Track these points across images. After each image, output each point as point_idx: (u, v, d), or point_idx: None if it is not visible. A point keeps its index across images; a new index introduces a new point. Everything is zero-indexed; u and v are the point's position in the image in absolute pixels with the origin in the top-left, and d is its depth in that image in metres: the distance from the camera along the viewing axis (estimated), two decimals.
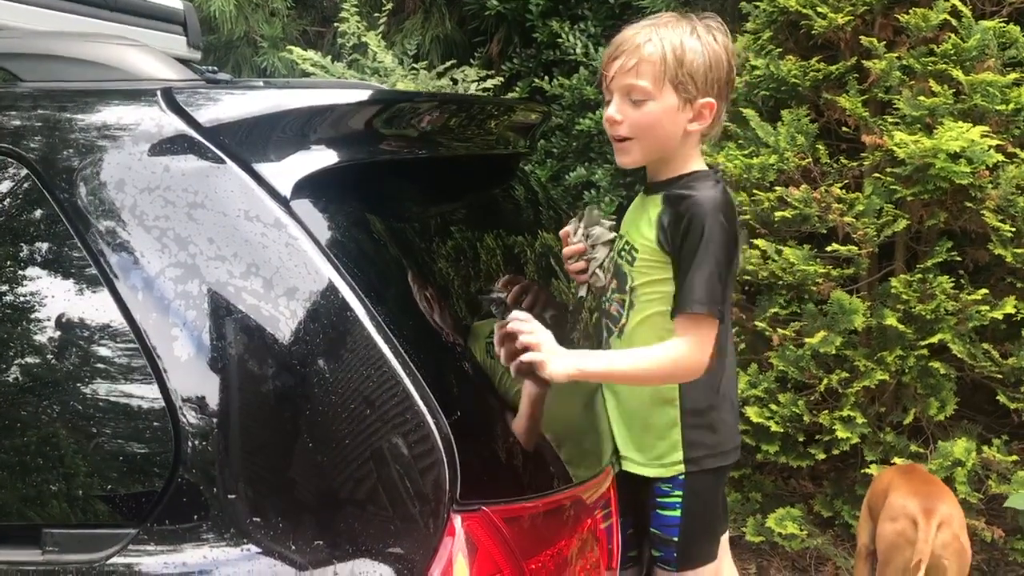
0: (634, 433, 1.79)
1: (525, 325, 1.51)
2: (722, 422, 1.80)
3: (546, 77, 4.79)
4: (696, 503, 1.77)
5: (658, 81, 1.67)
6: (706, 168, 1.78)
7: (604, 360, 1.67)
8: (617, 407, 1.82)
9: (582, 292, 1.93)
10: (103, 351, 1.30)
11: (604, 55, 1.75)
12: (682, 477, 1.76)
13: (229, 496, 1.22)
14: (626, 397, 1.80)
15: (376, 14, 5.06)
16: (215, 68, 2.51)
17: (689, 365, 1.61)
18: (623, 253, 1.79)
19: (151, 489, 1.25)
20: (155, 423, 1.25)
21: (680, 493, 1.76)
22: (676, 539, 1.76)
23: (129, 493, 1.28)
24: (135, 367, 1.27)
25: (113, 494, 1.29)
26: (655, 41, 1.67)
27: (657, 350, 1.63)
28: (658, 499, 1.77)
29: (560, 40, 4.72)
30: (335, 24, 5.22)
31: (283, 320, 1.24)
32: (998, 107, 3.16)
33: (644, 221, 1.74)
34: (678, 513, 1.76)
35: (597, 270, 1.87)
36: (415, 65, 4.89)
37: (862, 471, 3.40)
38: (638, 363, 1.63)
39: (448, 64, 4.86)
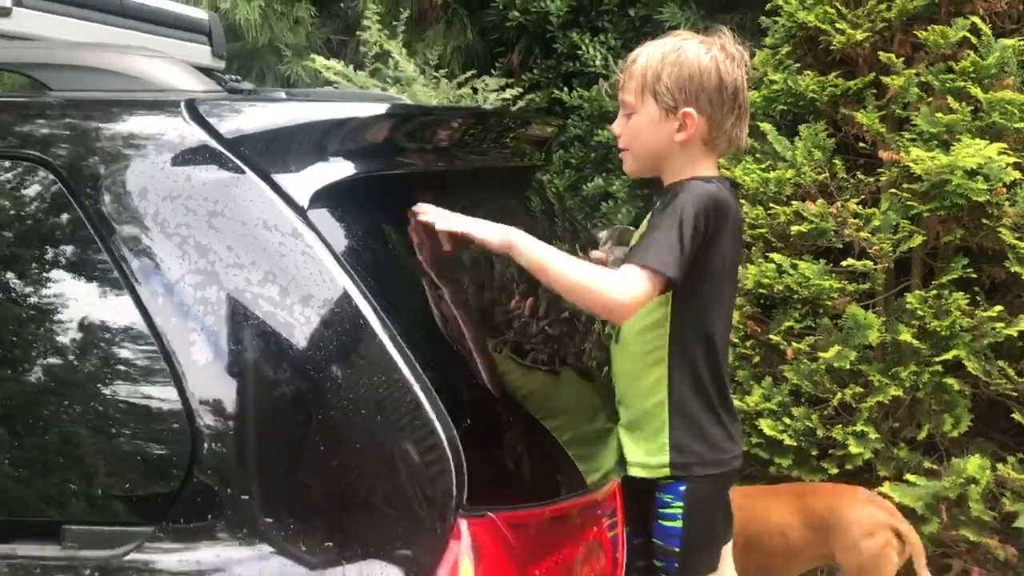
0: (634, 436, 1.80)
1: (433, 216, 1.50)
2: (715, 431, 1.78)
3: (565, 88, 4.82)
4: (697, 513, 1.78)
5: (639, 93, 1.76)
6: (713, 174, 1.80)
7: (539, 248, 1.62)
8: (622, 412, 1.84)
9: None
10: (124, 354, 1.34)
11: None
12: (682, 488, 1.76)
13: (243, 497, 1.26)
14: (628, 401, 1.82)
15: (396, 23, 5.12)
16: (238, 77, 2.56)
17: (608, 300, 1.60)
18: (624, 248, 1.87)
19: (168, 489, 1.29)
20: (173, 425, 1.29)
21: (681, 504, 1.77)
22: (677, 549, 1.77)
23: (147, 492, 1.32)
24: (154, 370, 1.30)
25: (131, 493, 1.33)
26: (642, 56, 1.77)
27: (591, 270, 1.64)
28: (659, 509, 1.78)
29: (580, 52, 4.75)
30: (358, 33, 5.28)
31: (298, 327, 1.27)
32: (1016, 125, 3.16)
33: (645, 223, 1.81)
34: (679, 524, 1.77)
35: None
36: (436, 74, 4.94)
37: (875, 487, 3.39)
38: (567, 269, 1.60)
39: (469, 74, 4.92)
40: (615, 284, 1.61)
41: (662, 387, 1.76)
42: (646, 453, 1.78)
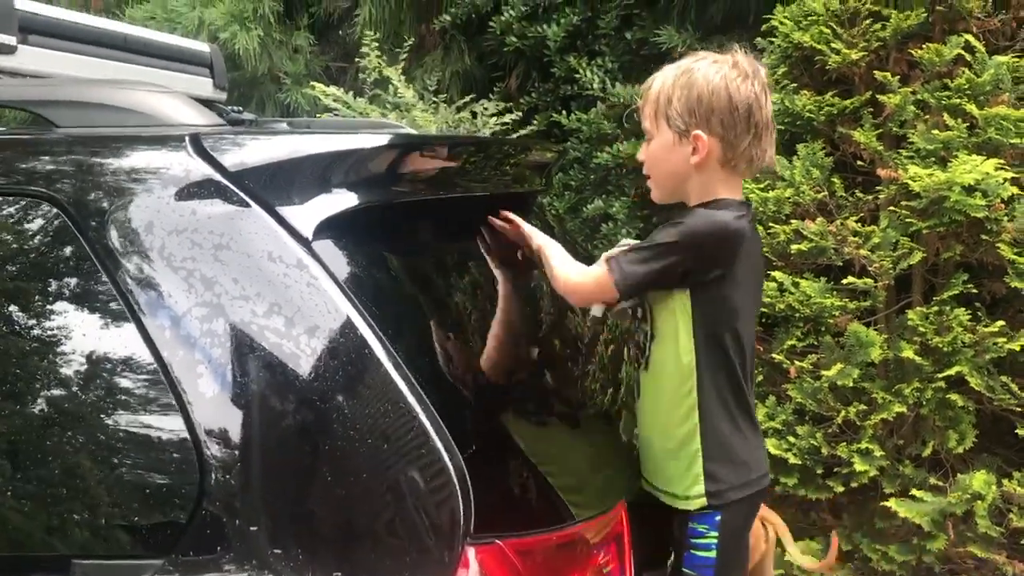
0: (665, 465, 1.79)
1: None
2: (744, 452, 1.78)
3: (564, 111, 4.85)
4: (730, 541, 1.77)
5: (653, 119, 1.77)
6: (735, 199, 1.78)
7: (552, 250, 1.77)
8: (651, 440, 1.82)
9: (596, 311, 1.93)
10: (131, 387, 1.35)
11: None
12: (717, 517, 1.74)
13: (251, 528, 1.26)
14: (658, 429, 1.79)
15: (396, 49, 5.16)
16: (240, 108, 2.59)
17: (569, 284, 1.74)
18: None
19: (176, 521, 1.29)
20: (180, 457, 1.30)
21: (716, 534, 1.74)
22: None
23: (155, 525, 1.32)
24: (162, 402, 1.31)
25: (140, 526, 1.33)
26: (657, 80, 1.77)
27: (568, 262, 1.75)
28: (692, 539, 1.75)
29: (577, 75, 4.78)
30: (356, 60, 5.32)
31: (304, 357, 1.28)
32: (1012, 140, 3.18)
33: None
34: (714, 554, 1.74)
35: (628, 309, 1.88)
36: (435, 99, 4.97)
37: (881, 504, 3.39)
38: (553, 255, 1.76)
39: (468, 98, 4.94)
40: (576, 272, 1.73)
41: (693, 415, 1.73)
42: (680, 483, 1.76)
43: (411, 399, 1.27)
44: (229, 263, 1.32)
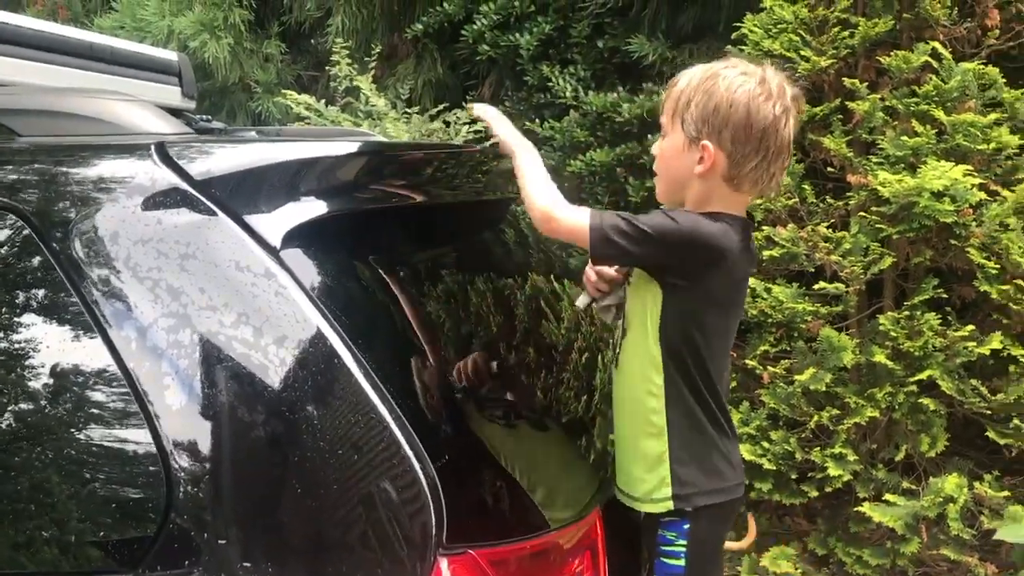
0: (625, 464, 1.77)
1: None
2: (715, 457, 1.74)
3: (537, 120, 4.85)
4: (700, 551, 1.73)
5: (671, 117, 1.72)
6: (733, 214, 1.72)
7: (529, 159, 1.79)
8: (620, 440, 1.80)
9: (580, 302, 1.92)
10: (97, 399, 1.32)
11: None
12: (686, 526, 1.71)
13: (220, 541, 1.24)
14: (626, 429, 1.77)
15: (367, 59, 5.14)
16: (209, 117, 2.57)
17: (529, 201, 1.73)
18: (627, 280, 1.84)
19: (144, 534, 1.27)
20: (148, 469, 1.28)
21: (684, 543, 1.71)
22: None
23: (122, 539, 1.30)
24: (128, 415, 1.29)
25: (107, 540, 1.31)
26: (683, 78, 1.72)
27: (547, 183, 1.74)
28: (661, 547, 1.73)
29: (550, 84, 4.79)
30: (328, 68, 5.30)
31: (272, 368, 1.27)
32: (979, 146, 3.22)
33: None
34: (683, 563, 1.71)
35: (613, 307, 1.88)
36: (408, 109, 4.96)
37: (855, 509, 3.41)
38: (531, 175, 1.76)
39: (440, 107, 4.94)
40: (546, 197, 1.71)
41: (660, 417, 1.71)
42: (646, 486, 1.73)
43: (382, 409, 1.25)
44: (196, 273, 1.30)
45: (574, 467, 1.74)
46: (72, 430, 1.34)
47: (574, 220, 1.67)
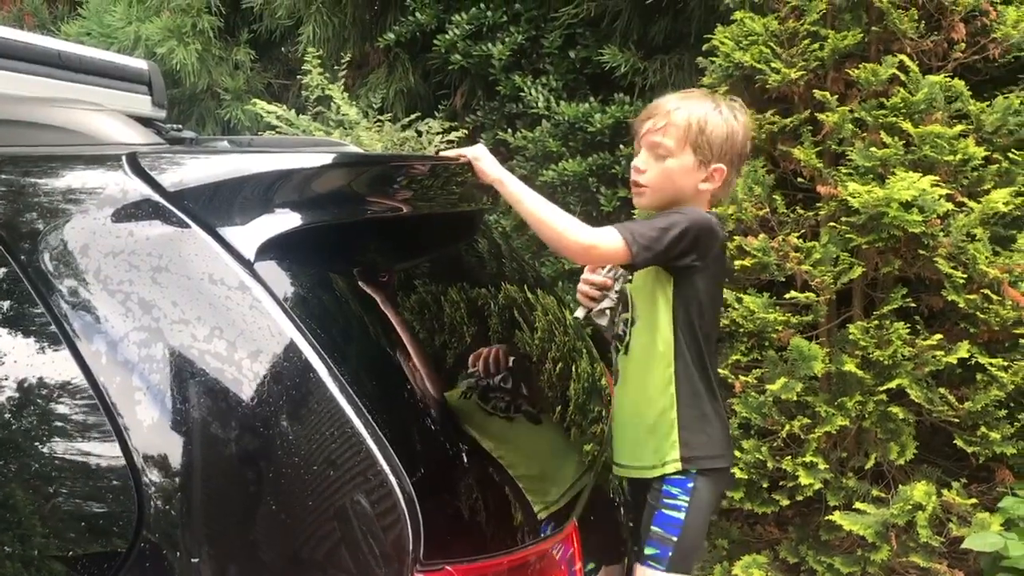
0: (634, 439, 2.05)
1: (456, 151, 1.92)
2: (714, 431, 2.05)
3: (509, 130, 4.86)
4: (697, 509, 2.00)
5: (680, 143, 2.01)
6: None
7: (524, 188, 1.94)
8: (620, 419, 2.08)
9: (579, 313, 2.17)
10: (66, 414, 1.30)
11: (639, 116, 2.12)
12: (690, 484, 2.00)
13: (192, 560, 1.22)
14: (641, 407, 2.04)
15: (337, 67, 5.12)
16: (180, 126, 2.54)
17: (568, 240, 1.91)
18: (624, 276, 2.13)
19: (114, 552, 1.25)
20: (118, 486, 1.25)
21: (687, 498, 2.00)
22: (675, 538, 1.97)
23: (92, 556, 1.27)
24: (98, 430, 1.27)
25: (76, 557, 1.28)
26: (683, 110, 2.03)
27: (564, 213, 1.93)
28: (664, 500, 2.01)
29: (523, 94, 4.80)
30: (299, 77, 5.28)
31: (246, 382, 1.25)
32: (946, 158, 3.26)
33: None
34: (682, 516, 1.99)
35: (607, 309, 2.13)
36: (380, 117, 4.95)
37: (826, 517, 3.43)
38: (543, 205, 1.93)
39: (413, 116, 4.93)
40: (584, 228, 1.91)
41: (670, 387, 2.00)
42: (657, 454, 2.01)
43: (357, 423, 1.24)
44: (168, 286, 1.28)
45: (551, 480, 1.74)
46: (40, 445, 1.31)
47: (611, 243, 1.92)
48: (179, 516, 1.24)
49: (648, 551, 2.00)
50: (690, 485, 2.00)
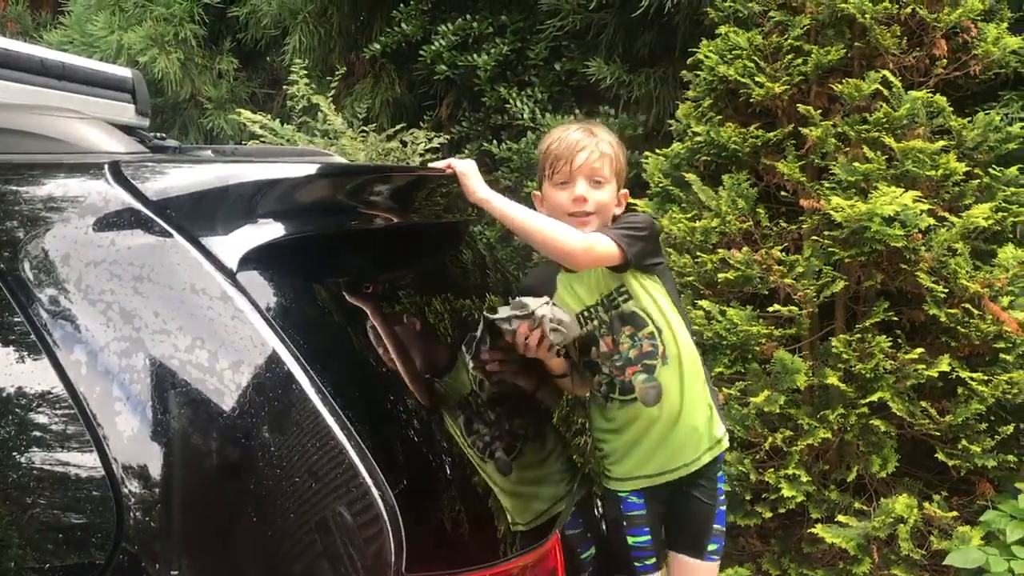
0: (684, 434, 2.09)
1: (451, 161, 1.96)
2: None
3: (495, 141, 4.86)
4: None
5: (611, 171, 2.13)
6: None
7: (512, 203, 1.97)
8: (663, 422, 2.08)
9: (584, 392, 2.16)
10: (46, 423, 1.28)
11: (563, 148, 2.12)
12: (721, 457, 2.17)
13: (172, 571, 1.21)
14: (689, 406, 2.09)
15: (328, 78, 5.12)
16: (163, 135, 2.52)
17: (567, 243, 1.96)
18: (612, 303, 2.09)
19: (93, 563, 1.23)
20: (98, 496, 1.24)
21: (723, 484, 2.19)
22: (724, 528, 2.18)
23: (71, 567, 1.26)
24: (78, 440, 1.25)
25: (55, 569, 1.26)
26: (606, 140, 2.16)
27: (555, 221, 2.00)
28: (720, 497, 2.18)
29: (508, 105, 4.81)
30: (284, 87, 5.27)
31: (228, 392, 1.24)
32: (928, 172, 3.29)
33: (596, 273, 2.09)
34: (725, 507, 2.18)
35: (556, 325, 1.86)
36: (365, 128, 4.94)
37: (808, 530, 3.44)
38: (534, 216, 1.98)
39: (398, 127, 4.93)
40: (576, 231, 1.98)
41: (703, 372, 2.14)
42: (706, 439, 2.11)
43: (340, 435, 1.23)
44: (150, 295, 1.27)
45: (535, 493, 1.73)
46: (18, 456, 1.29)
47: (605, 245, 2.00)
48: (158, 527, 1.22)
49: (711, 547, 2.16)
50: (722, 456, 2.17)
